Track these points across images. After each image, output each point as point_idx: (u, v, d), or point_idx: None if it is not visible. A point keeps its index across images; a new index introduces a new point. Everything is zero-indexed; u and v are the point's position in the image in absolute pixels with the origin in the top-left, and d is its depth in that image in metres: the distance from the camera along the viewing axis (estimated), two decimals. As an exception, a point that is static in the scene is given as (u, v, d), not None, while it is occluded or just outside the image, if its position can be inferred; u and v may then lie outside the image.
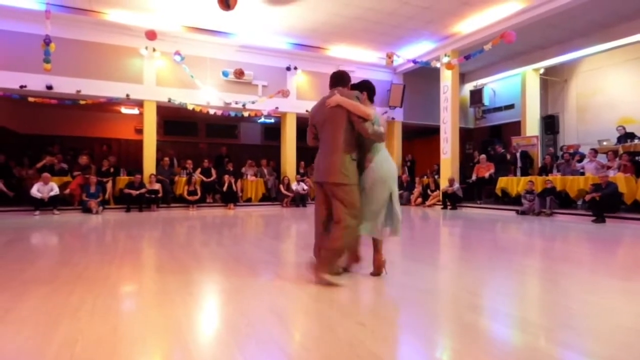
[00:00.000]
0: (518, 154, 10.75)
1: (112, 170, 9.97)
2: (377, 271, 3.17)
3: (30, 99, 9.18)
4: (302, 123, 12.87)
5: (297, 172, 11.87)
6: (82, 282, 2.97)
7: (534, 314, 2.48)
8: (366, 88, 3.22)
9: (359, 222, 3.00)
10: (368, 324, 2.21)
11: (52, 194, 8.47)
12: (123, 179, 9.90)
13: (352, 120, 2.90)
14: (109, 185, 9.60)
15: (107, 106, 11.40)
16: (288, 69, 11.57)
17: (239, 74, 10.57)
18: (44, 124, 12.25)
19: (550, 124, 11.89)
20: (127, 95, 9.87)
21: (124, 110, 12.43)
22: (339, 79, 3.16)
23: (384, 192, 3.01)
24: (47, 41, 7.95)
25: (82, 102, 9.63)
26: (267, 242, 5.21)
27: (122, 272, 3.39)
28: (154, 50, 10.00)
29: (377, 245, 3.17)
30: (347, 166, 2.91)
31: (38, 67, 8.44)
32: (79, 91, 9.38)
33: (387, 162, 3.09)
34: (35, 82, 8.97)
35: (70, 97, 9.53)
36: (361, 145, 3.03)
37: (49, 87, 9.08)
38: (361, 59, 11.95)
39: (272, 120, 13.68)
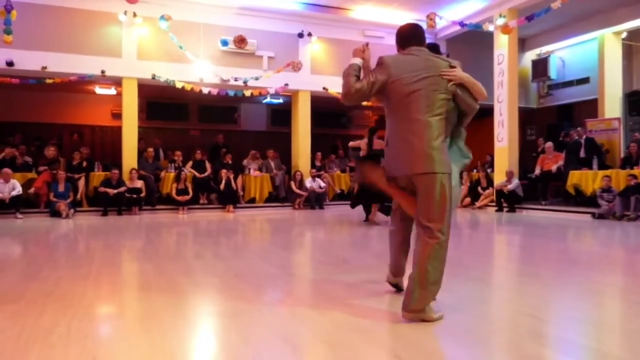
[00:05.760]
0: (582, 141, 10.55)
1: (84, 164, 10.16)
2: None
3: (-15, 79, 9.44)
4: (318, 103, 12.99)
5: (312, 166, 11.91)
6: (53, 302, 3.07)
7: (613, 345, 2.45)
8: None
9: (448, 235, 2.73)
10: (406, 357, 2.23)
11: (14, 193, 8.70)
12: (98, 175, 10.08)
13: (458, 99, 2.83)
14: (81, 183, 9.79)
15: (78, 86, 11.61)
16: (300, 35, 11.57)
17: (240, 42, 10.61)
18: (2, 109, 12.56)
19: (635, 102, 11.65)
20: (103, 72, 10.03)
21: (99, 90, 12.63)
22: (415, 35, 2.95)
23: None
24: (7, 8, 8.09)
25: (48, 81, 9.82)
26: (276, 254, 5.25)
27: (99, 289, 3.48)
28: (134, 15, 10.13)
29: None
30: (444, 150, 2.74)
31: (-5, 40, 8.64)
32: (44, 68, 9.58)
33: None
34: (-9, 58, 9.21)
35: (34, 75, 9.74)
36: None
37: (9, 64, 9.29)
38: (393, 21, 11.81)
39: (281, 101, 13.71)
